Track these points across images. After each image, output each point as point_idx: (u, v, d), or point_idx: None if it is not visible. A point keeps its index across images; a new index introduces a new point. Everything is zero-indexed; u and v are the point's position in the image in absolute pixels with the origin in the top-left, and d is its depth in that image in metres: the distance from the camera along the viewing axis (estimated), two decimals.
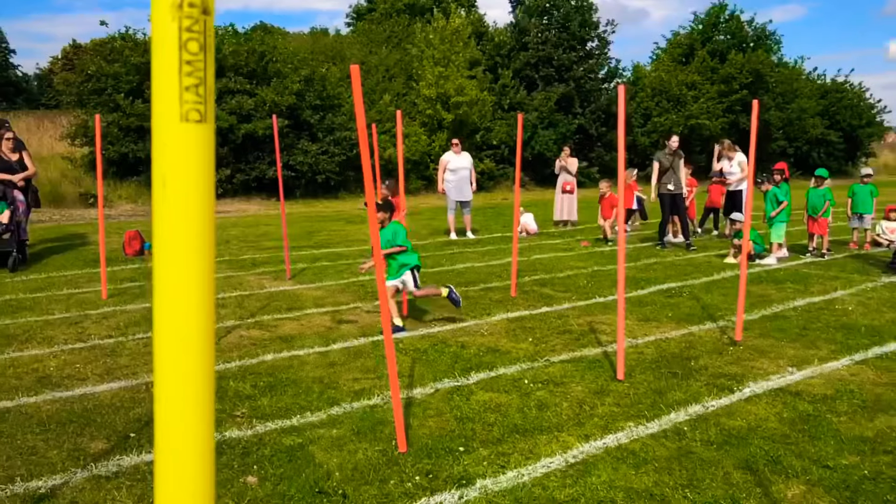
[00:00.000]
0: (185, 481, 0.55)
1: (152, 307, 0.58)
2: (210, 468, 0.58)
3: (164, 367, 0.56)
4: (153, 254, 0.56)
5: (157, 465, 0.58)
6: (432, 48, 25.55)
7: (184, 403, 0.56)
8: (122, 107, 18.77)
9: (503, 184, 26.85)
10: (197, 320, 0.56)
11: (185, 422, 0.56)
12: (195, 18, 0.52)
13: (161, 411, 0.57)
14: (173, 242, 0.54)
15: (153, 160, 0.56)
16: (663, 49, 37.33)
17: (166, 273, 0.55)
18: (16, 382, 4.85)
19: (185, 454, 0.56)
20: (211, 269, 0.57)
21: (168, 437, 0.56)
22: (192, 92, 0.53)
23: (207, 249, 0.56)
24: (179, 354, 0.55)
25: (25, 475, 3.50)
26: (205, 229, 0.55)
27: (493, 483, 3.44)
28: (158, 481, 0.57)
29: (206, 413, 0.56)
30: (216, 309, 4.43)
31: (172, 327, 0.55)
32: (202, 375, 0.56)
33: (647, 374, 5.13)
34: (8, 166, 9.81)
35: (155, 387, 0.58)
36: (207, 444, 0.57)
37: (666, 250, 11.29)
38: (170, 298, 0.55)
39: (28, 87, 47.66)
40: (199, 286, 0.55)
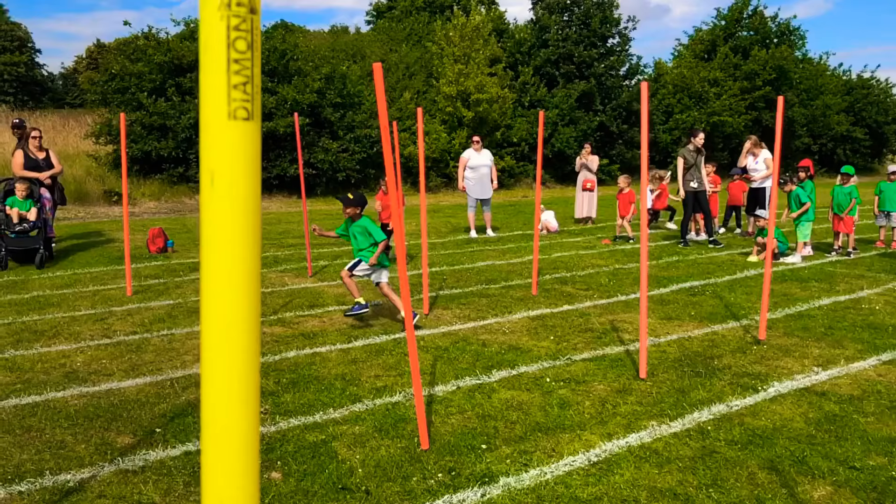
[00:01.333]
0: (230, 475, 0.55)
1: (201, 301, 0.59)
2: (255, 462, 0.58)
3: (211, 361, 0.56)
4: (201, 248, 0.57)
5: (204, 459, 0.59)
6: (452, 46, 25.53)
7: (230, 397, 0.56)
8: (145, 105, 18.96)
9: (523, 181, 26.78)
10: (244, 314, 0.56)
11: (231, 415, 0.57)
12: (242, 17, 0.52)
13: (208, 405, 0.57)
14: (221, 238, 0.55)
15: (201, 157, 0.57)
16: (685, 45, 37.02)
17: (214, 268, 0.55)
18: (44, 377, 4.92)
19: (231, 448, 0.56)
20: (257, 263, 0.58)
21: (214, 430, 0.57)
22: (240, 90, 0.54)
23: (254, 244, 0.56)
24: (226, 348, 0.56)
25: (54, 468, 3.55)
26: (251, 225, 0.55)
27: (515, 481, 3.44)
28: (205, 474, 0.58)
29: (252, 406, 0.57)
30: None
31: (220, 321, 0.56)
32: (248, 369, 0.57)
33: (669, 372, 5.10)
34: (35, 164, 9.95)
35: (202, 380, 0.59)
36: (253, 437, 0.57)
37: (688, 248, 11.21)
38: (217, 293, 0.55)
39: (53, 86, 48.32)
40: (246, 281, 0.56)
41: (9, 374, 4.98)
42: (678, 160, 11.50)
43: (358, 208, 6.38)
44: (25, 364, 5.22)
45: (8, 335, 5.99)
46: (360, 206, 6.41)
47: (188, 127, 18.93)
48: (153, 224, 13.20)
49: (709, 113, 31.54)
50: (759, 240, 10.20)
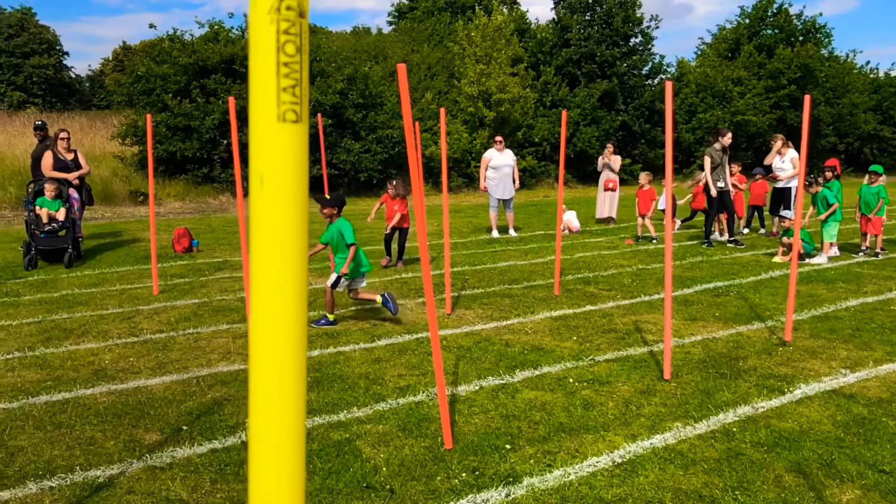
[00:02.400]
0: (278, 470, 0.57)
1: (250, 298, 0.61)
2: (301, 459, 0.59)
3: (260, 357, 0.58)
4: (250, 248, 0.58)
5: (252, 454, 0.60)
6: (474, 46, 25.52)
7: (278, 393, 0.58)
8: (170, 106, 19.16)
9: (545, 181, 26.70)
10: (292, 312, 0.57)
11: (279, 411, 0.58)
12: (292, 21, 0.54)
13: (256, 400, 0.59)
14: (270, 238, 0.56)
15: (251, 159, 0.58)
16: (708, 44, 36.69)
17: (263, 267, 0.57)
18: (73, 375, 5.00)
19: (279, 443, 0.58)
20: (305, 262, 0.59)
21: (262, 426, 0.58)
22: (289, 93, 0.55)
23: (302, 244, 0.58)
24: (275, 345, 0.57)
25: (84, 464, 3.61)
26: (300, 225, 0.57)
27: (539, 481, 3.44)
28: (252, 469, 0.59)
29: (299, 401, 0.58)
30: None
31: (269, 319, 0.57)
32: (296, 365, 0.58)
33: (694, 374, 5.07)
34: (63, 165, 10.11)
35: (251, 375, 0.60)
36: (299, 433, 0.58)
37: (712, 249, 11.11)
38: (267, 291, 0.57)
39: (80, 88, 49.01)
40: (295, 279, 0.57)
41: (39, 372, 5.07)
42: (705, 159, 11.37)
43: (335, 209, 6.27)
44: (55, 361, 5.31)
45: (38, 333, 6.09)
46: (338, 206, 6.30)
47: (212, 128, 19.11)
48: (178, 224, 13.35)
49: (732, 112, 31.23)
50: (784, 240, 10.08)
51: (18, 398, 4.53)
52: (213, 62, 19.83)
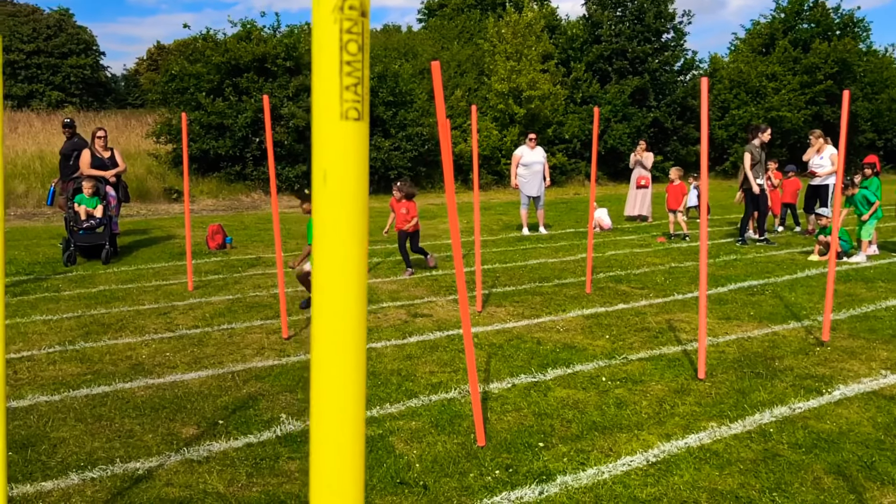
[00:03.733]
0: (338, 464, 0.58)
1: (313, 291, 0.62)
2: (361, 451, 0.60)
3: (321, 350, 0.59)
4: (314, 243, 0.59)
5: (313, 448, 0.61)
6: (504, 42, 25.45)
7: (340, 386, 0.59)
8: (203, 105, 19.41)
9: (575, 178, 26.55)
10: (353, 306, 0.58)
11: (340, 404, 0.59)
12: (354, 20, 0.54)
13: (318, 393, 0.60)
14: (333, 234, 0.57)
15: (314, 156, 0.59)
16: (742, 39, 36.11)
17: (326, 261, 0.57)
18: (112, 369, 5.10)
19: (340, 437, 0.58)
20: (365, 256, 0.60)
21: (323, 421, 0.59)
22: (352, 91, 0.56)
23: (363, 239, 0.59)
24: (336, 338, 0.58)
25: (124, 457, 3.68)
26: (361, 220, 0.57)
27: (573, 479, 3.43)
28: (314, 464, 0.60)
29: (359, 395, 0.59)
30: (296, 301, 4.57)
31: (330, 313, 0.58)
32: (357, 358, 0.59)
33: (729, 373, 5.01)
34: (101, 163, 10.29)
35: (312, 368, 0.61)
36: (359, 427, 0.59)
37: (746, 247, 10.96)
38: (329, 285, 0.58)
39: (116, 87, 49.86)
40: (356, 273, 0.58)
41: (80, 365, 5.18)
42: (745, 156, 11.11)
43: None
44: (95, 355, 5.42)
45: (78, 327, 6.22)
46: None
47: (245, 126, 19.32)
48: (212, 221, 13.52)
49: (766, 108, 30.72)
50: (821, 238, 9.91)
51: (60, 391, 4.64)
52: (246, 61, 20.04)
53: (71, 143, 11.04)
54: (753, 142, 11.15)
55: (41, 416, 4.20)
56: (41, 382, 4.81)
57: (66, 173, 10.97)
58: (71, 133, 11.14)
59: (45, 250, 10.54)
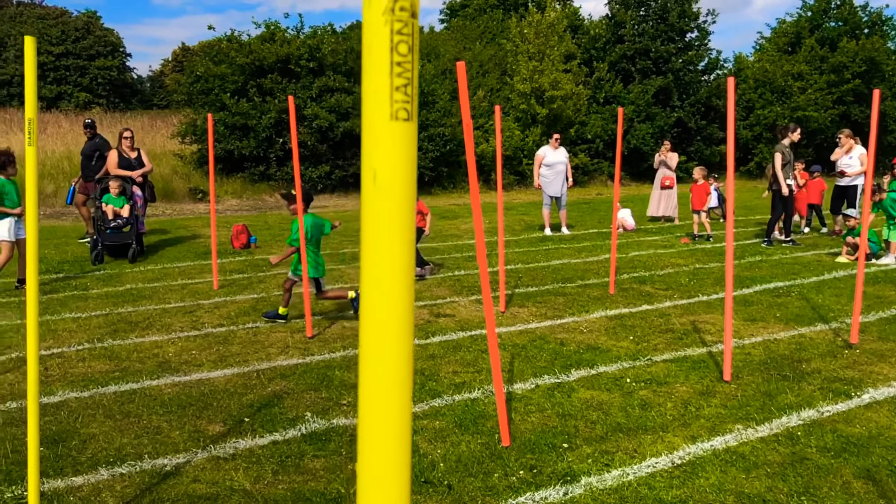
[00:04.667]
0: (385, 461, 0.59)
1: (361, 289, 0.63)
2: (407, 446, 0.61)
3: (369, 347, 0.60)
4: (362, 241, 0.60)
5: (361, 445, 0.62)
6: (527, 43, 25.38)
7: (387, 382, 0.59)
8: (227, 106, 19.57)
9: (598, 178, 26.42)
10: (401, 304, 0.59)
11: (387, 400, 0.60)
12: (405, 22, 0.55)
13: (365, 390, 0.60)
14: (381, 233, 0.58)
15: (363, 156, 0.60)
16: (767, 38, 35.70)
17: (374, 260, 0.58)
18: (139, 366, 5.17)
19: (387, 434, 0.59)
20: (412, 255, 0.60)
21: (371, 418, 0.60)
22: (402, 92, 0.57)
23: (410, 238, 0.59)
24: (385, 337, 0.59)
25: (152, 453, 3.73)
26: (409, 219, 0.58)
27: (598, 481, 3.42)
28: (362, 460, 0.61)
29: (406, 392, 0.60)
30: (320, 301, 4.58)
31: (379, 311, 0.59)
32: (404, 355, 0.60)
33: (755, 375, 4.96)
34: (127, 163, 10.43)
35: (361, 364, 0.62)
36: (405, 425, 0.60)
37: (772, 248, 10.83)
38: (377, 283, 0.59)
39: (142, 88, 50.46)
40: (404, 271, 0.59)
41: (108, 363, 5.25)
42: (775, 156, 10.87)
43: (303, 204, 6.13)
44: (122, 353, 5.49)
45: (106, 325, 6.31)
46: (306, 202, 6.19)
47: (268, 127, 19.46)
48: (236, 221, 13.64)
49: (792, 108, 30.32)
50: (848, 239, 9.77)
51: (89, 387, 4.71)
52: (270, 62, 20.18)
53: (92, 144, 11.21)
54: (783, 142, 10.98)
55: (71, 413, 4.27)
56: (71, 379, 4.89)
57: (87, 173, 11.13)
58: (92, 133, 11.30)
59: (73, 249, 10.70)
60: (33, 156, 2.63)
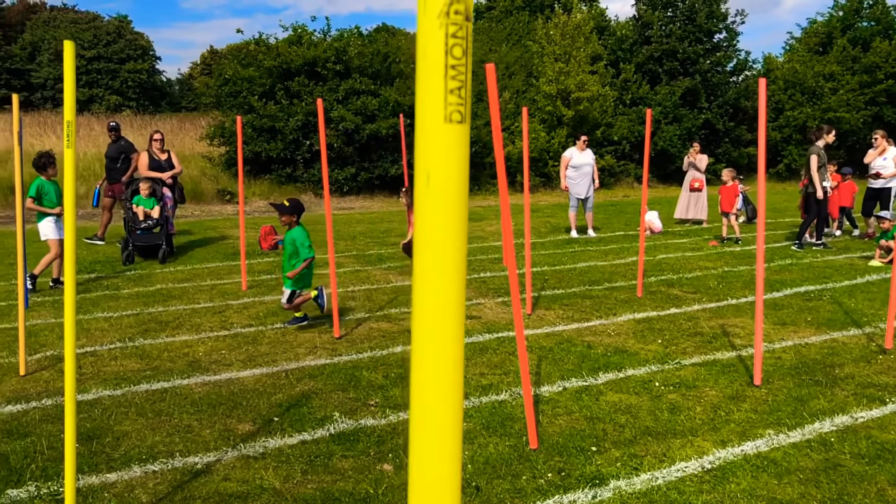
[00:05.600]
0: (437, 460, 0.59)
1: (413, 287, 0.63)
2: (458, 447, 0.62)
3: (421, 346, 0.60)
4: (415, 241, 0.61)
5: (412, 442, 0.62)
6: (553, 44, 25.30)
7: (439, 381, 0.60)
8: (255, 108, 19.75)
9: (624, 180, 26.24)
10: (453, 303, 0.60)
11: (439, 400, 0.60)
12: (460, 25, 0.56)
13: (417, 390, 0.61)
14: (435, 232, 0.58)
15: (416, 157, 0.61)
16: (798, 38, 35.23)
17: (428, 259, 0.59)
18: (170, 365, 5.24)
19: (439, 432, 0.60)
20: (465, 255, 0.61)
21: (423, 416, 0.60)
22: (456, 94, 0.57)
23: (463, 238, 0.60)
24: (437, 336, 0.59)
25: (183, 451, 3.78)
26: (462, 220, 0.59)
27: (626, 484, 3.40)
28: (413, 458, 0.62)
29: (457, 389, 0.60)
30: (347, 301, 4.63)
31: (431, 310, 0.59)
32: (456, 353, 0.60)
33: (786, 380, 4.89)
34: (158, 165, 10.58)
35: (413, 362, 0.63)
36: (457, 425, 0.61)
37: (802, 251, 10.68)
38: (430, 283, 0.59)
39: (171, 91, 51.10)
40: (456, 271, 0.59)
41: (139, 362, 5.33)
42: (811, 158, 10.63)
43: (294, 216, 6.07)
44: (153, 352, 5.57)
45: (137, 325, 6.40)
46: (297, 213, 6.08)
47: (295, 129, 19.60)
48: (264, 222, 13.75)
49: (823, 109, 29.87)
50: (882, 242, 9.60)
51: (121, 386, 4.78)
52: (297, 65, 20.33)
53: (117, 146, 11.38)
54: (818, 143, 10.74)
55: (105, 410, 4.34)
56: (104, 377, 4.96)
57: (112, 176, 11.29)
58: (116, 136, 11.47)
59: (105, 249, 10.86)
60: (72, 157, 2.68)
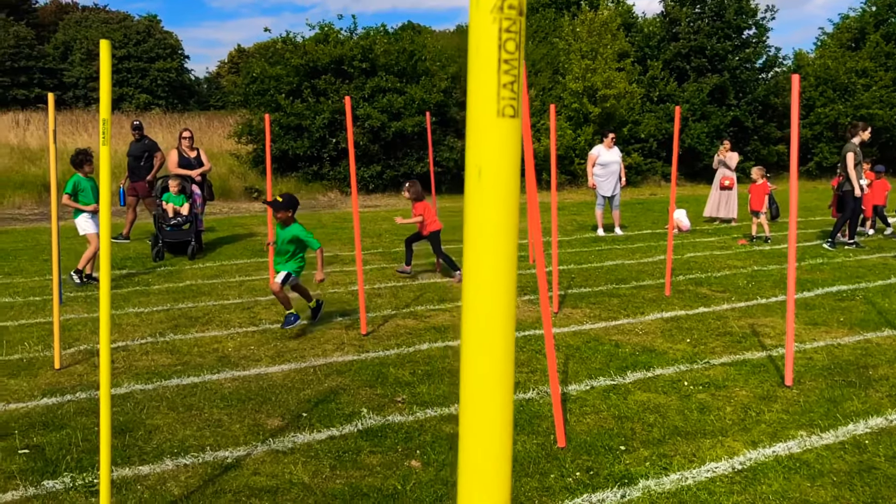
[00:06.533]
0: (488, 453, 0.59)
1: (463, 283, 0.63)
2: (509, 442, 0.62)
3: (472, 342, 0.60)
4: (465, 236, 0.61)
5: (462, 437, 0.63)
6: (580, 41, 25.16)
7: (489, 377, 0.60)
8: (282, 106, 19.88)
9: (651, 178, 26.02)
10: (504, 299, 0.60)
11: (490, 396, 0.60)
12: (513, 19, 0.56)
13: (467, 385, 0.61)
14: (485, 227, 0.59)
15: (468, 152, 0.61)
16: (829, 34, 34.64)
17: (478, 255, 0.59)
18: (200, 360, 5.30)
19: (490, 426, 0.60)
20: (516, 251, 0.61)
21: (473, 409, 0.61)
22: (508, 89, 0.58)
23: (514, 234, 0.60)
24: (488, 330, 0.60)
25: (214, 445, 3.82)
26: (513, 215, 0.59)
27: (655, 484, 3.38)
28: (463, 454, 0.62)
29: (508, 384, 0.61)
30: (374, 298, 4.65)
31: (483, 305, 0.60)
32: (507, 348, 0.60)
33: (818, 381, 4.82)
34: (187, 162, 10.70)
35: (462, 359, 0.63)
36: (508, 417, 0.61)
37: (834, 250, 10.50)
38: (480, 279, 0.59)
39: (199, 89, 51.66)
40: (507, 267, 0.59)
41: (170, 356, 5.40)
42: (847, 156, 10.42)
43: (289, 211, 5.91)
44: (184, 347, 5.64)
45: (167, 320, 6.49)
46: (292, 208, 5.95)
47: (322, 127, 19.70)
48: None
49: (856, 106, 29.35)
50: None
51: (153, 380, 4.85)
52: (324, 63, 20.44)
53: (141, 145, 11.52)
54: (853, 140, 10.54)
55: (137, 404, 4.41)
56: (135, 372, 5.04)
57: (136, 174, 11.43)
58: (140, 135, 11.62)
59: (135, 246, 11.02)
60: (107, 154, 2.73)
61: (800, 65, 31.86)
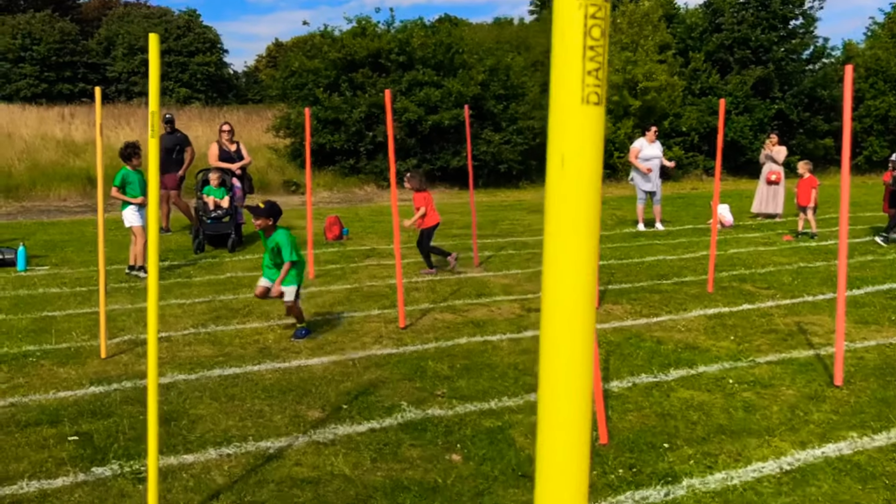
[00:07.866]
0: (566, 448, 0.57)
1: (543, 271, 0.61)
2: (587, 433, 0.60)
3: (552, 331, 0.59)
4: (545, 222, 0.59)
5: (540, 430, 0.61)
6: (620, 33, 24.85)
7: (569, 367, 0.58)
8: (320, 100, 20.01)
9: (693, 172, 25.61)
10: (585, 288, 0.58)
11: (569, 385, 0.58)
12: (599, 6, 0.54)
13: (546, 375, 0.59)
14: (568, 215, 0.57)
15: (550, 139, 0.59)
16: (880, 24, 33.65)
17: (559, 242, 0.57)
18: (241, 352, 5.37)
19: (568, 416, 0.58)
20: (598, 239, 0.59)
21: (551, 398, 0.59)
22: (593, 76, 0.55)
23: (596, 222, 0.58)
24: (568, 320, 0.58)
25: (256, 435, 3.86)
26: (595, 203, 0.57)
27: (700, 483, 3.32)
28: (540, 447, 0.60)
29: (587, 375, 0.58)
30: (411, 292, 4.64)
31: (564, 294, 0.58)
32: (586, 337, 0.58)
33: (869, 381, 4.69)
34: (227, 156, 10.83)
35: (541, 348, 0.61)
36: (586, 405, 0.59)
37: (885, 247, 10.21)
38: (561, 266, 0.58)
39: (238, 83, 52.28)
40: (589, 255, 0.57)
41: (212, 347, 5.48)
42: None
43: (269, 219, 5.63)
44: (225, 339, 5.71)
45: (209, 312, 6.58)
46: (272, 216, 5.66)
47: (359, 121, 19.78)
48: (328, 213, 13.95)
49: None
50: None
51: (195, 371, 4.92)
52: (361, 56, 20.51)
53: (173, 138, 11.67)
54: None
55: (180, 394, 4.47)
56: (179, 362, 5.12)
57: (168, 167, 11.57)
58: (171, 129, 11.77)
59: (177, 238, 11.20)
60: (155, 147, 2.76)
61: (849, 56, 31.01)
